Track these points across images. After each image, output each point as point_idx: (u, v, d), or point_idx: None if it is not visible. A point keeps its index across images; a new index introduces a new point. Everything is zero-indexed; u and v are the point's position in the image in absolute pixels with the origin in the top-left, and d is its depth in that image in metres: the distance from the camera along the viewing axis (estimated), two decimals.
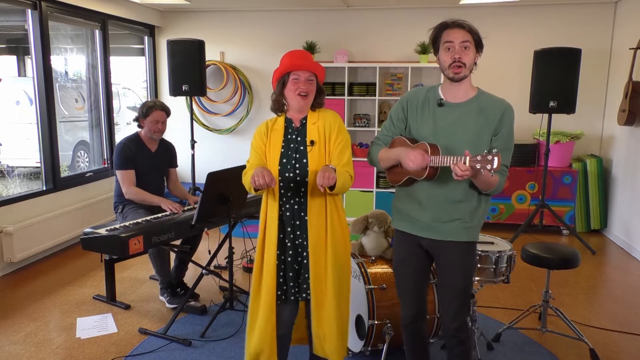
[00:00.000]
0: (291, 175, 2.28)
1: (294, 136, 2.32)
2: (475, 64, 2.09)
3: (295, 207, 2.31)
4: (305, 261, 2.33)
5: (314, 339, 2.38)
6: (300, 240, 2.33)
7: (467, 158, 1.87)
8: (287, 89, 2.26)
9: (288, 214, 2.32)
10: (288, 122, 2.34)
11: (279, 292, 2.34)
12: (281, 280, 2.34)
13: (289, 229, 2.32)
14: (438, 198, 2.13)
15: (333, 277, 2.30)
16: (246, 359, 2.39)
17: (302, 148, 2.29)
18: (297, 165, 2.28)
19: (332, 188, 2.16)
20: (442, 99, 2.15)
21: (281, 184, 2.29)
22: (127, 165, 3.67)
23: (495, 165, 1.81)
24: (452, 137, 2.08)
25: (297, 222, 2.32)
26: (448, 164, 1.94)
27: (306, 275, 2.33)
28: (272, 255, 2.30)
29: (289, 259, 2.34)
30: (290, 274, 2.34)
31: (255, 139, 2.36)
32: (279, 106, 2.34)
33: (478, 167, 1.85)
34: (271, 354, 2.33)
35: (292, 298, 2.37)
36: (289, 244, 2.33)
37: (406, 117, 2.23)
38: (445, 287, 2.22)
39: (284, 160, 2.29)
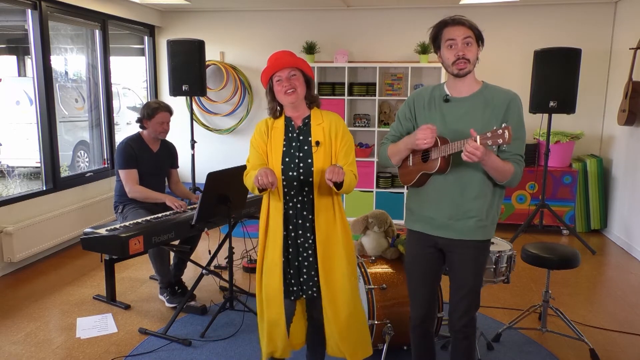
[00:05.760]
0: (295, 174, 2.29)
1: (294, 135, 2.33)
2: (477, 58, 2.11)
3: (299, 205, 2.32)
4: (310, 259, 2.33)
5: (328, 338, 2.39)
6: (303, 239, 2.33)
7: (478, 137, 1.89)
8: (275, 91, 2.28)
9: (291, 212, 2.33)
10: (288, 121, 2.35)
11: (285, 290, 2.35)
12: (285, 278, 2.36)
13: (291, 227, 2.33)
14: (453, 195, 2.13)
15: (344, 274, 2.32)
16: (263, 358, 2.44)
17: (306, 148, 2.30)
18: (301, 165, 2.29)
19: (338, 186, 2.18)
20: (448, 95, 2.17)
21: (284, 182, 2.30)
22: (129, 165, 3.67)
23: (506, 138, 1.83)
24: (461, 131, 2.09)
25: (300, 221, 2.33)
26: (459, 149, 1.95)
27: (312, 273, 2.34)
28: (278, 254, 2.31)
29: (290, 257, 2.35)
30: (291, 272, 2.35)
31: (255, 137, 2.37)
32: (274, 112, 2.36)
33: (489, 143, 1.87)
34: (284, 351, 2.39)
35: (294, 297, 2.38)
36: (290, 242, 2.34)
37: (414, 116, 2.24)
38: (456, 285, 2.23)
39: (287, 159, 2.29)
